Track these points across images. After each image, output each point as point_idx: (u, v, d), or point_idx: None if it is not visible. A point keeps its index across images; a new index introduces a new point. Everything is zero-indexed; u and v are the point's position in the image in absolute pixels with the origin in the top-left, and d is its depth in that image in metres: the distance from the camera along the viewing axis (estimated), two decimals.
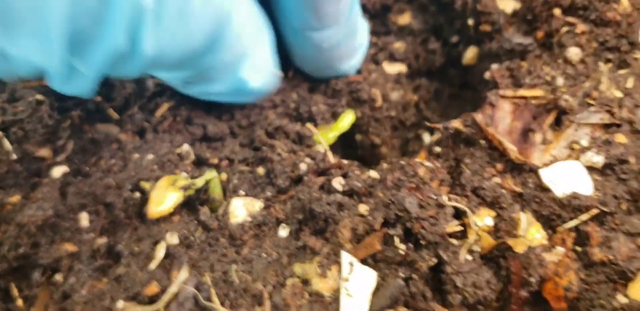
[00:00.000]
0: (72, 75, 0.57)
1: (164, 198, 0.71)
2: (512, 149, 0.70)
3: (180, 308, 0.64)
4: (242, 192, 0.75)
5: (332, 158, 0.77)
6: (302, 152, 0.79)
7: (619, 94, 0.78)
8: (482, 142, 0.73)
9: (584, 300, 0.73)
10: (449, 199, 0.68)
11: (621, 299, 0.72)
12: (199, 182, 0.73)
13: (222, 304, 0.66)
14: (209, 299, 0.65)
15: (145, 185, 0.72)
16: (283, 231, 0.73)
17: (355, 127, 0.98)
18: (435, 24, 1.06)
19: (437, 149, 0.77)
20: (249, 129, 0.84)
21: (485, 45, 0.91)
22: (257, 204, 0.74)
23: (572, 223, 0.71)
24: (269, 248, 0.72)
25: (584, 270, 0.73)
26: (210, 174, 0.74)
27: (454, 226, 0.66)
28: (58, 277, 0.69)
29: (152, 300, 0.66)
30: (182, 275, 0.65)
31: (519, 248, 0.66)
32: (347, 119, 0.87)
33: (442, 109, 1.05)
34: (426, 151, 0.77)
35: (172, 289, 0.64)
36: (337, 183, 0.73)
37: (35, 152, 0.72)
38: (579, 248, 0.73)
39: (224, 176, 0.75)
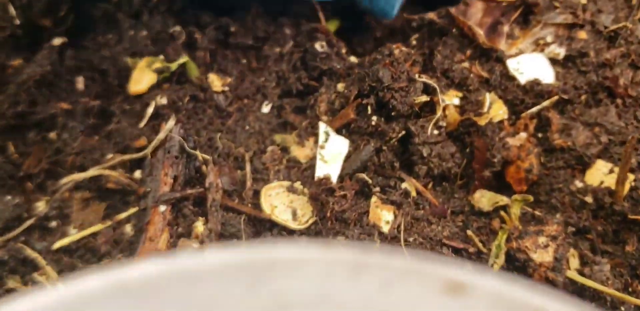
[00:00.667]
0: None
1: (142, 78, 0.76)
2: (480, 34, 0.75)
3: (167, 154, 0.68)
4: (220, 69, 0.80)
5: None
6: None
7: (583, 0, 0.83)
8: (454, 30, 0.78)
9: (544, 184, 0.77)
10: (419, 77, 0.73)
11: (578, 184, 0.77)
12: (173, 66, 0.76)
13: (206, 161, 0.71)
14: (194, 148, 0.70)
15: (130, 62, 0.77)
16: (266, 108, 0.78)
17: None
18: None
19: (413, 40, 0.82)
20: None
21: None
22: (229, 79, 0.79)
23: (534, 109, 0.76)
24: (252, 122, 0.77)
25: (544, 155, 0.78)
26: (183, 59, 0.76)
27: (422, 98, 0.71)
28: (52, 135, 0.73)
29: (140, 151, 0.71)
30: (169, 124, 0.69)
31: (482, 121, 0.71)
32: None
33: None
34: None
35: (160, 136, 0.69)
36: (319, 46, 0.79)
37: (37, 21, 0.76)
38: (540, 134, 0.79)
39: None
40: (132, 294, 0.28)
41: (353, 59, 0.78)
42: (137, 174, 0.69)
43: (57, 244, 0.66)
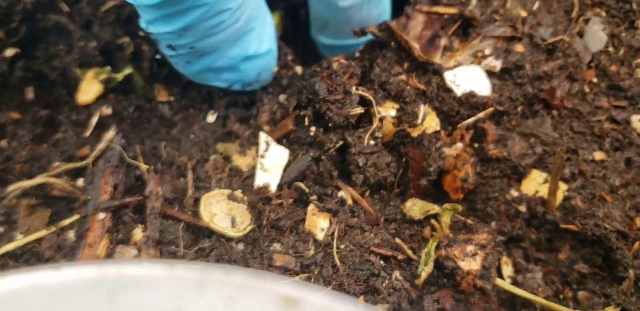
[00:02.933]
0: None
1: (89, 88, 0.79)
2: (416, 48, 0.77)
3: (107, 164, 0.70)
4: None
5: None
6: None
7: (523, 13, 0.85)
8: (393, 44, 0.80)
9: (480, 193, 0.80)
10: (357, 89, 0.75)
11: (513, 193, 0.79)
12: (119, 76, 0.78)
13: (148, 169, 0.73)
14: (134, 159, 0.73)
15: (79, 72, 0.79)
16: (211, 117, 0.81)
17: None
18: None
19: (357, 53, 0.85)
20: None
21: None
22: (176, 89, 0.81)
23: (470, 120, 0.78)
24: (197, 131, 0.79)
25: (480, 165, 0.80)
26: (128, 70, 0.78)
27: (357, 110, 0.73)
28: (3, 143, 0.76)
29: (84, 160, 0.73)
30: (109, 134, 0.71)
31: (415, 133, 0.73)
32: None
33: None
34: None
35: (100, 146, 0.71)
36: None
37: None
38: (476, 145, 0.81)
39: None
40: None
41: (298, 69, 0.81)
42: (80, 182, 0.71)
43: (3, 250, 0.68)
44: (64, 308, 0.30)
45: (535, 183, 0.77)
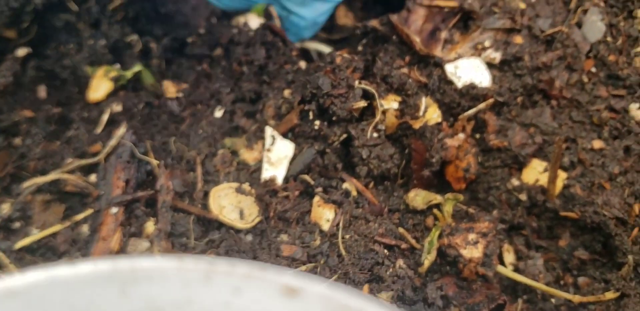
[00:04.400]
0: None
1: (99, 86, 0.80)
2: (417, 41, 0.78)
3: (119, 159, 0.72)
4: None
5: None
6: None
7: (522, 5, 0.86)
8: (394, 38, 0.81)
9: (482, 182, 0.81)
10: (359, 83, 0.76)
11: (514, 182, 0.80)
12: (128, 74, 0.79)
13: (158, 164, 0.75)
14: (145, 154, 0.74)
15: (89, 70, 0.81)
16: (218, 112, 0.82)
17: None
18: None
19: (360, 46, 0.86)
20: None
21: None
22: (184, 85, 0.83)
23: (471, 111, 0.80)
24: (205, 126, 0.81)
25: (481, 155, 0.81)
26: (137, 67, 0.80)
27: (360, 104, 0.75)
28: (17, 141, 0.78)
29: (96, 156, 0.75)
30: (120, 131, 0.73)
31: (417, 124, 0.75)
32: None
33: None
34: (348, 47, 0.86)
35: (112, 142, 0.73)
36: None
37: (1, 33, 0.80)
38: (477, 135, 0.82)
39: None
40: (19, 298, 0.32)
41: (302, 64, 0.82)
42: (93, 177, 0.73)
43: (20, 244, 0.70)
44: (79, 300, 0.32)
45: (535, 172, 0.79)
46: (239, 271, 0.31)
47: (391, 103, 0.76)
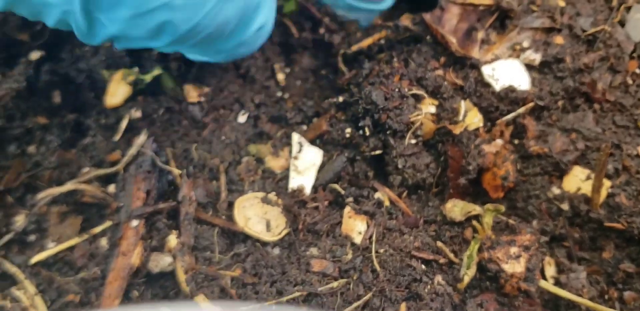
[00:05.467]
0: (92, 29, 0.53)
1: (117, 91, 0.76)
2: (452, 42, 0.73)
3: (139, 169, 0.67)
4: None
5: None
6: None
7: (562, 3, 0.81)
8: (428, 38, 0.77)
9: (521, 191, 0.76)
10: (409, 91, 0.71)
11: (555, 190, 0.76)
12: (147, 77, 0.75)
13: (181, 177, 0.71)
14: (166, 163, 0.70)
15: (105, 74, 0.76)
16: (242, 117, 0.78)
17: None
18: None
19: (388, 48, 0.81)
20: None
21: None
22: (206, 89, 0.78)
23: (510, 116, 0.75)
24: (228, 132, 0.77)
25: (520, 162, 0.77)
26: (157, 71, 0.75)
27: (418, 116, 0.69)
28: (31, 149, 0.73)
29: (115, 165, 0.71)
30: (140, 139, 0.69)
31: (457, 130, 0.70)
32: None
33: None
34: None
35: (131, 151, 0.69)
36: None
37: (14, 36, 0.76)
38: (516, 141, 0.77)
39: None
40: None
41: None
42: (112, 188, 0.69)
43: (36, 258, 0.66)
44: None
45: (577, 180, 0.74)
46: None
47: (428, 107, 0.72)
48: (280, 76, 0.81)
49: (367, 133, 0.70)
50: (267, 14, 0.64)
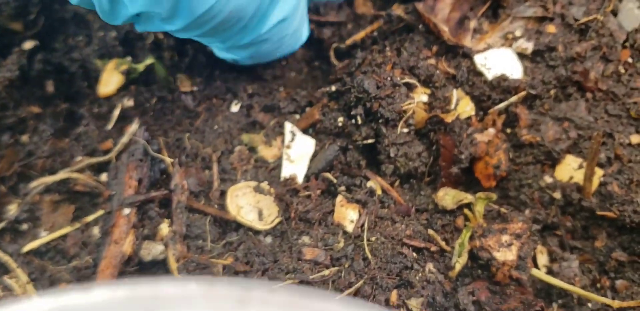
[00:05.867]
0: (114, 9, 0.54)
1: (110, 80, 0.76)
2: (445, 31, 0.73)
3: (131, 158, 0.67)
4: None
5: None
6: None
7: None
8: (420, 27, 0.76)
9: (513, 180, 0.76)
10: (401, 79, 0.71)
11: (547, 179, 0.75)
12: (140, 67, 0.75)
13: (172, 162, 0.71)
14: (159, 152, 0.70)
15: (98, 63, 0.76)
16: (235, 107, 0.78)
17: None
18: None
19: (379, 36, 0.80)
20: None
21: None
22: (199, 79, 0.78)
23: (502, 105, 0.75)
24: (220, 121, 0.76)
25: (513, 151, 0.77)
26: (149, 60, 0.75)
27: (410, 105, 0.68)
28: (24, 138, 0.73)
29: (107, 154, 0.70)
30: (132, 128, 0.69)
31: (449, 118, 0.70)
32: None
33: None
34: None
35: (123, 139, 0.68)
36: None
37: (7, 25, 0.76)
38: (508, 130, 0.77)
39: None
40: None
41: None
42: (104, 176, 0.69)
43: (28, 247, 0.66)
44: None
45: (569, 169, 0.74)
46: (278, 299, 0.27)
47: (420, 96, 0.71)
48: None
49: (360, 122, 0.70)
50: (286, 8, 0.65)
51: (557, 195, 0.72)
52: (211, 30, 0.59)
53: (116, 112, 0.71)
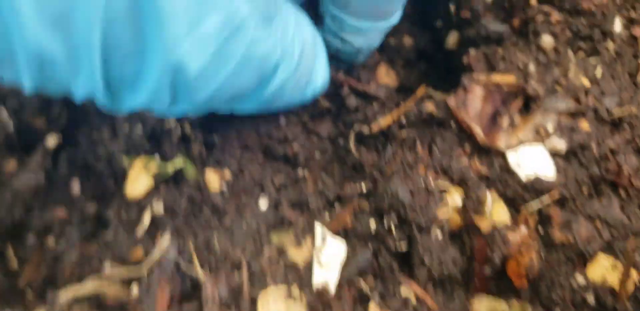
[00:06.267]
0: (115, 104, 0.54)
1: (137, 181, 0.74)
2: (479, 134, 0.72)
3: (163, 273, 0.67)
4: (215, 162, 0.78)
5: None
6: None
7: (586, 82, 0.79)
8: (452, 124, 0.75)
9: (545, 279, 0.76)
10: (435, 184, 0.70)
11: (579, 279, 0.75)
12: (170, 169, 0.73)
13: (202, 267, 0.69)
14: (188, 257, 0.68)
15: (125, 161, 0.75)
16: (263, 202, 0.76)
17: None
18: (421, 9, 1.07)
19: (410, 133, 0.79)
20: None
21: (465, 31, 0.93)
22: (227, 171, 0.77)
23: (535, 206, 0.74)
24: (249, 218, 0.75)
25: (545, 250, 0.76)
26: (179, 161, 0.74)
27: (445, 213, 0.68)
28: (50, 240, 0.73)
29: (137, 263, 0.69)
30: (164, 243, 0.68)
31: (484, 226, 0.69)
32: None
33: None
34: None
35: (155, 255, 0.67)
36: None
37: (30, 122, 0.74)
38: (541, 229, 0.77)
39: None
40: None
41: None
42: (135, 288, 0.67)
43: None
44: None
45: (602, 268, 0.73)
46: None
47: (454, 198, 0.70)
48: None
49: (392, 227, 0.68)
50: (286, 71, 0.64)
51: (590, 298, 0.71)
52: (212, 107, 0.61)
53: (146, 219, 0.69)
